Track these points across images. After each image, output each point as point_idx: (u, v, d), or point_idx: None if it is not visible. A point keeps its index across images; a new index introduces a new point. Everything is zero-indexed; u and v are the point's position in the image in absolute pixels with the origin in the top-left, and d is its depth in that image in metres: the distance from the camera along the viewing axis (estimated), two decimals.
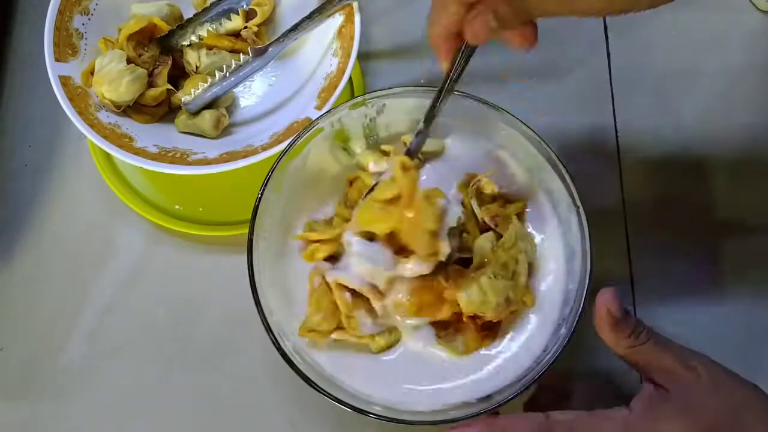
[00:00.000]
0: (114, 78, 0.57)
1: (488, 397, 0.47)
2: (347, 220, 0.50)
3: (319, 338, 0.49)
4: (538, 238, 0.52)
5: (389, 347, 0.49)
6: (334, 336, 0.49)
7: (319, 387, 0.46)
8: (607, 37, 0.66)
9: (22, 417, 0.56)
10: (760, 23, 0.67)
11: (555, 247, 0.51)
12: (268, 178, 0.50)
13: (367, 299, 0.48)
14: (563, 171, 0.50)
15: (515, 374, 0.47)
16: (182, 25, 0.61)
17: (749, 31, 0.67)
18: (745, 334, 0.58)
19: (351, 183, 0.53)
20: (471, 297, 0.47)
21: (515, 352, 0.49)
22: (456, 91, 0.52)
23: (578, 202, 0.49)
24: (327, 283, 0.49)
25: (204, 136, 0.60)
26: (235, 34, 0.63)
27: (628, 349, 0.44)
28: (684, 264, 0.59)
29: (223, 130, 0.60)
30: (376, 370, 0.49)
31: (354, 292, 0.48)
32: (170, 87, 0.60)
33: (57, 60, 0.57)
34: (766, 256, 0.60)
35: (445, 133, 0.54)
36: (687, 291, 0.59)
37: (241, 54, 0.59)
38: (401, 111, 0.53)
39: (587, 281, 0.48)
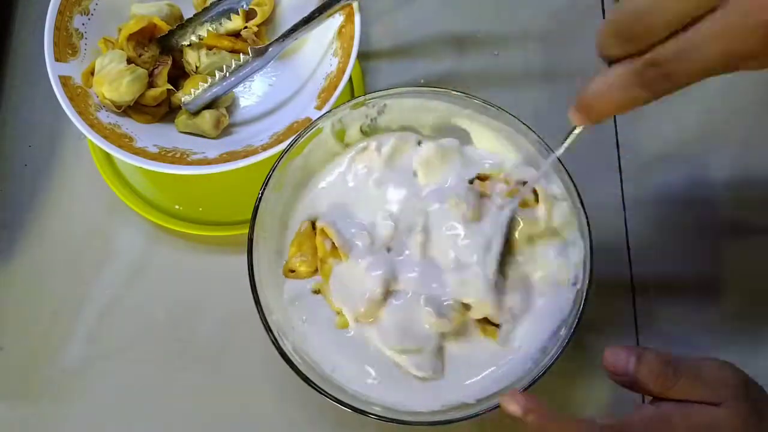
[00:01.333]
0: (114, 78, 0.57)
1: (487, 398, 0.47)
2: None
3: (299, 278, 0.51)
4: None
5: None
6: (312, 287, 0.51)
7: (319, 387, 0.46)
8: None
9: (22, 417, 0.56)
10: None
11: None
12: (269, 178, 0.50)
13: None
14: (564, 174, 0.50)
15: (514, 376, 0.47)
16: (182, 25, 0.61)
17: None
18: (746, 333, 0.58)
19: None
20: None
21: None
22: (456, 91, 0.52)
23: (579, 204, 0.49)
24: (313, 227, 0.51)
25: (204, 136, 0.60)
26: (235, 34, 0.63)
27: (664, 394, 0.43)
28: (684, 263, 0.59)
29: (223, 130, 0.60)
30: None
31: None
32: (170, 87, 0.60)
33: (57, 60, 0.57)
34: (766, 255, 0.60)
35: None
36: (687, 290, 0.59)
37: (241, 54, 0.59)
38: (403, 111, 0.53)
39: (587, 282, 0.48)
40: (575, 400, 0.55)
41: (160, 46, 0.61)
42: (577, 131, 0.44)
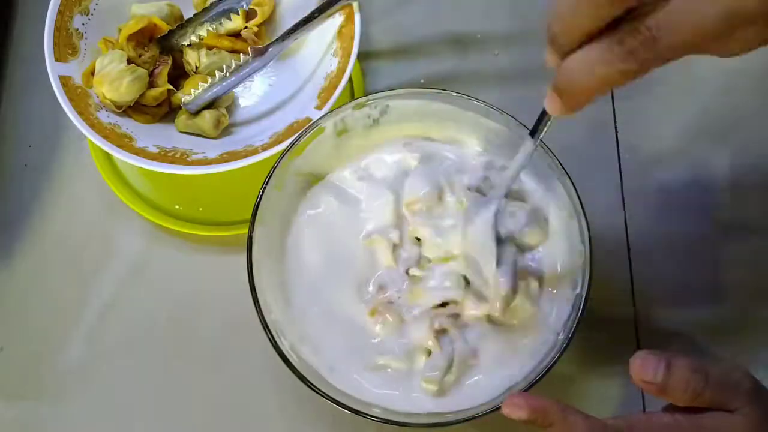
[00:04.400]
0: (115, 78, 0.57)
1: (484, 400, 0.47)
2: None
3: None
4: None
5: None
6: None
7: (315, 387, 0.46)
8: None
9: (22, 417, 0.56)
10: None
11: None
12: (270, 176, 0.50)
13: None
14: (566, 178, 0.50)
15: (512, 379, 0.47)
16: (182, 25, 0.61)
17: None
18: (746, 334, 0.57)
19: None
20: None
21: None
22: (456, 93, 0.52)
23: (580, 209, 0.49)
24: None
25: (204, 136, 0.60)
26: (235, 34, 0.63)
27: (692, 402, 0.42)
28: (684, 264, 0.59)
29: (223, 130, 0.60)
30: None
31: None
32: (170, 87, 0.60)
33: (57, 60, 0.57)
34: (767, 255, 0.60)
35: None
36: (687, 291, 0.58)
37: (241, 54, 0.59)
38: (405, 113, 0.53)
39: (587, 287, 0.48)
40: (574, 403, 0.55)
41: (160, 46, 0.61)
42: (550, 121, 0.41)
